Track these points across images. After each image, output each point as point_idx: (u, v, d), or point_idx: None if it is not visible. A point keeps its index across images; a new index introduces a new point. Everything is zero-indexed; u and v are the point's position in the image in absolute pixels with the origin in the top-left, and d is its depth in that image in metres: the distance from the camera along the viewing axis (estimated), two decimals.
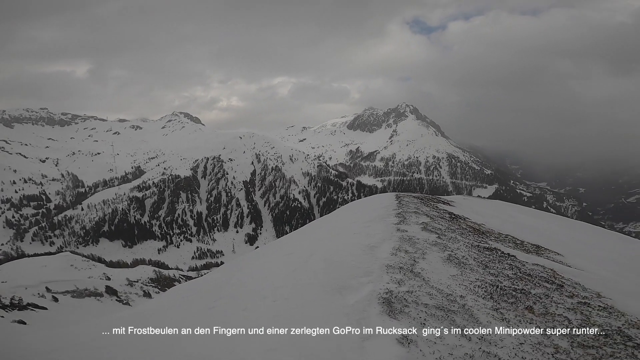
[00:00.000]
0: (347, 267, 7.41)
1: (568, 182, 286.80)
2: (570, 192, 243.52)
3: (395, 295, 5.99)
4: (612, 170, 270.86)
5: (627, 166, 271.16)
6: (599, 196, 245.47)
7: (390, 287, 6.27)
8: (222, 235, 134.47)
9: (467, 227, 11.20)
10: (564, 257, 9.53)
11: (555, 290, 6.77)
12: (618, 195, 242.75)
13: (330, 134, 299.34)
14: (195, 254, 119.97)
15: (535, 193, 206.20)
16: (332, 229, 12.13)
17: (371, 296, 6.05)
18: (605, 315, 5.91)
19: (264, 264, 9.85)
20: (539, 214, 30.98)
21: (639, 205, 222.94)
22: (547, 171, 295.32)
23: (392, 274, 6.80)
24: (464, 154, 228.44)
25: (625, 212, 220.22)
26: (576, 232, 19.64)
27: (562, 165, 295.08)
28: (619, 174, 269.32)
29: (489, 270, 7.40)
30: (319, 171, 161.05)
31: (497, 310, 5.71)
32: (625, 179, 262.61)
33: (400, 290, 6.16)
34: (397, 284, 6.42)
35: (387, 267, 7.12)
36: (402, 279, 6.60)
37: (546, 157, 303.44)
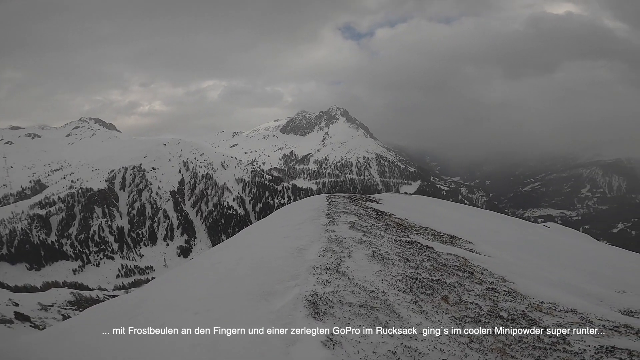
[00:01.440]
0: (274, 272, 7.02)
1: (477, 175, 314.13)
2: (479, 185, 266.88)
3: (320, 297, 5.75)
4: (510, 164, 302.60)
5: (521, 159, 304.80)
6: (501, 187, 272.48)
7: (316, 289, 6.02)
8: (151, 249, 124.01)
9: (392, 222, 11.41)
10: (474, 245, 10.07)
11: (467, 278, 7.01)
12: (516, 185, 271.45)
13: (264, 139, 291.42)
14: (120, 271, 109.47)
15: (452, 187, 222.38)
16: (262, 235, 11.69)
17: (297, 300, 5.75)
18: (510, 299, 6.20)
19: (189, 276, 9.10)
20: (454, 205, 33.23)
21: (533, 193, 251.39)
22: (460, 166, 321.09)
23: (319, 276, 6.56)
24: (391, 154, 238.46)
25: (522, 199, 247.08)
26: (485, 220, 21.26)
27: (471, 161, 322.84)
28: (515, 166, 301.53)
29: (409, 263, 7.48)
30: (253, 177, 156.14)
31: (416, 303, 5.71)
32: (521, 171, 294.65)
33: (326, 291, 5.94)
34: (323, 285, 6.19)
35: (314, 268, 6.87)
36: (328, 280, 6.38)
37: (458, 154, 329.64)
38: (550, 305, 6.08)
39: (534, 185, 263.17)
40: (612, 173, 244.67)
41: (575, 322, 5.46)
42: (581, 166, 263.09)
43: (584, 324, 5.42)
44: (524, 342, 4.72)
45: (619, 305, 6.60)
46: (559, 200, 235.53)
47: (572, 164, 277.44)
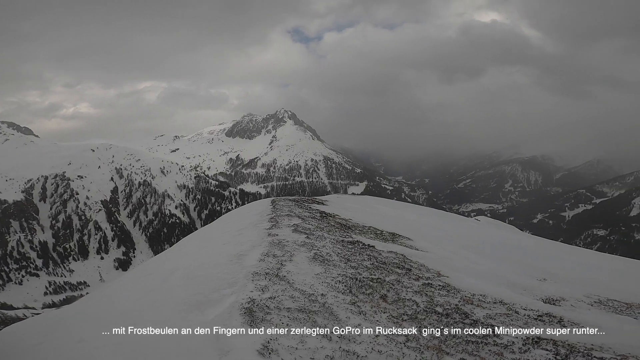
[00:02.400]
0: (210, 280, 6.50)
1: (417, 174, 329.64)
2: (419, 183, 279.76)
3: (257, 304, 5.38)
4: (445, 162, 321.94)
5: (455, 158, 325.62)
6: (439, 184, 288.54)
7: (253, 296, 5.64)
8: (82, 264, 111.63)
9: (336, 223, 11.28)
10: (413, 242, 10.21)
11: (405, 274, 6.99)
12: (452, 183, 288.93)
13: (208, 143, 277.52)
14: (48, 289, 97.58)
15: (395, 186, 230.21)
16: (202, 242, 11.00)
17: (232, 308, 5.34)
18: (445, 293, 6.25)
19: (117, 290, 8.23)
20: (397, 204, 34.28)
21: (466, 190, 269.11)
22: (402, 166, 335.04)
23: (257, 282, 6.17)
24: (338, 156, 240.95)
25: (457, 195, 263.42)
26: (424, 217, 22.05)
27: (412, 160, 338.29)
28: (450, 165, 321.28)
29: (350, 263, 7.32)
30: (198, 182, 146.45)
31: (355, 304, 5.53)
32: (455, 169, 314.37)
33: (264, 298, 5.58)
34: (261, 291, 5.81)
35: (253, 274, 6.46)
36: (266, 285, 6.02)
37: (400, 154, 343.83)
38: (480, 298, 6.21)
39: (466, 182, 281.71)
40: (530, 169, 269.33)
41: (503, 314, 5.59)
42: (504, 163, 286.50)
43: (511, 315, 5.57)
44: (458, 337, 4.69)
45: (540, 294, 6.93)
46: (487, 195, 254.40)
47: (496, 161, 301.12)
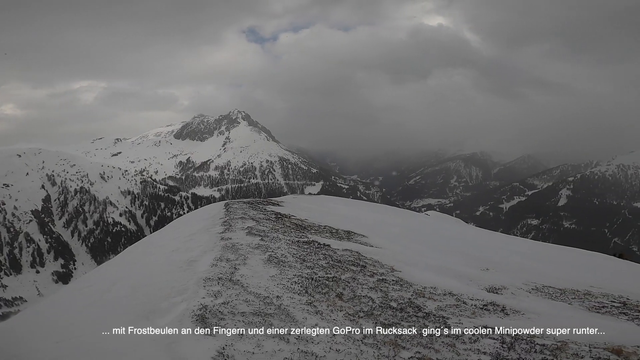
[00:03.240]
0: (158, 289, 6.08)
1: (371, 172, 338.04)
2: (373, 181, 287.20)
3: (210, 310, 5.10)
4: (397, 161, 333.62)
5: (405, 157, 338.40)
6: (392, 182, 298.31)
7: (205, 302, 5.34)
8: (16, 279, 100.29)
9: (291, 224, 11.12)
10: (368, 238, 10.33)
11: (360, 272, 7.01)
12: (403, 180, 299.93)
13: (154, 145, 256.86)
14: None
15: (351, 185, 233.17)
16: (149, 250, 10.35)
17: (184, 316, 5.01)
18: (398, 288, 6.35)
19: (55, 303, 7.48)
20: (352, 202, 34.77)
21: (416, 186, 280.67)
22: (357, 165, 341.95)
23: (210, 287, 5.86)
24: (293, 156, 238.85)
25: (409, 192, 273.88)
26: (378, 214, 22.54)
27: (366, 159, 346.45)
28: (401, 163, 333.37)
29: (306, 264, 7.21)
30: (144, 188, 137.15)
31: (311, 304, 5.43)
32: (405, 167, 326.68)
33: (216, 303, 5.31)
34: (213, 297, 5.53)
35: (204, 280, 6.13)
36: (219, 291, 5.73)
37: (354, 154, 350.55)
38: (431, 290, 6.38)
39: (416, 179, 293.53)
40: (471, 165, 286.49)
41: (452, 305, 5.77)
42: (449, 160, 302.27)
43: (460, 306, 5.75)
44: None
45: (484, 284, 7.26)
46: (435, 190, 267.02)
47: (442, 158, 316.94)
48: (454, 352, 4.25)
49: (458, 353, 4.21)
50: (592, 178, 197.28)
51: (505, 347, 4.35)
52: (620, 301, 6.72)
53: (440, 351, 4.25)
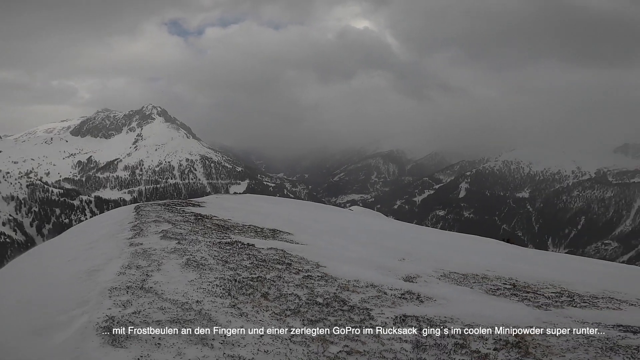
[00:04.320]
0: (52, 303, 5.30)
1: (297, 170, 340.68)
2: (300, 179, 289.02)
3: (118, 321, 4.58)
4: (322, 158, 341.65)
5: (330, 154, 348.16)
6: (318, 179, 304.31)
7: (112, 313, 4.79)
8: None
9: (213, 225, 10.59)
10: (294, 236, 10.31)
11: (286, 269, 6.93)
12: (328, 177, 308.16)
13: (45, 143, 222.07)
14: None
15: (277, 183, 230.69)
16: (38, 261, 9.02)
17: (86, 329, 4.42)
18: (324, 283, 6.41)
19: None
20: (278, 200, 34.58)
21: (340, 183, 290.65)
22: (283, 163, 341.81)
23: (117, 297, 5.27)
24: (217, 155, 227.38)
25: (334, 188, 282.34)
26: (305, 210, 22.73)
27: (292, 157, 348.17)
28: (326, 160, 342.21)
29: (228, 265, 6.90)
30: (32, 192, 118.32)
31: (235, 307, 5.20)
32: (330, 164, 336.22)
33: (126, 313, 4.79)
34: (122, 307, 4.98)
35: (110, 290, 5.50)
36: (129, 300, 5.18)
37: (281, 151, 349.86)
38: (355, 283, 6.57)
39: (340, 175, 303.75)
40: (389, 161, 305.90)
41: (374, 296, 6.01)
42: (369, 157, 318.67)
43: (381, 296, 6.02)
44: (340, 325, 4.79)
45: (401, 273, 7.72)
46: (358, 186, 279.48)
47: (363, 155, 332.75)
48: (379, 342, 4.39)
49: (383, 343, 4.36)
50: (484, 172, 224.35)
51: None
52: (511, 283, 7.67)
53: (367, 342, 4.37)
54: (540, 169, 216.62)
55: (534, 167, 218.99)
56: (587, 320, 5.30)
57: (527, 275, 8.57)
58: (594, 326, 4.99)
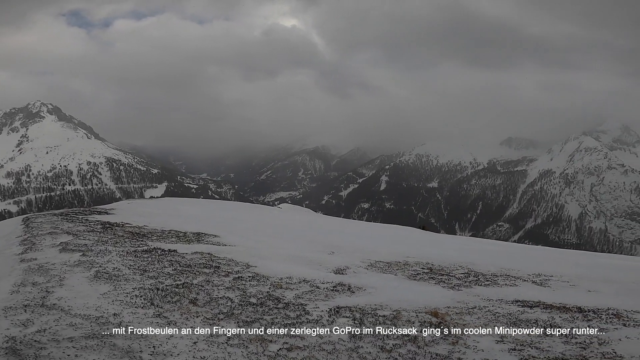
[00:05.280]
0: None
1: (222, 170, 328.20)
2: (225, 179, 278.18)
3: (22, 341, 4.00)
4: (248, 156, 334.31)
5: (256, 152, 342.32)
6: (244, 178, 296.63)
7: (12, 333, 4.18)
8: None
9: (126, 233, 9.71)
10: (220, 238, 9.94)
11: (214, 273, 6.68)
12: (255, 175, 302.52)
13: None
14: None
15: (200, 184, 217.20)
16: None
17: None
18: (256, 283, 6.29)
19: None
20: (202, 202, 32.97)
21: (268, 181, 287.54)
22: (206, 163, 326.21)
23: (14, 317, 4.60)
24: (127, 156, 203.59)
25: (261, 187, 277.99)
26: (231, 211, 22.03)
27: (215, 156, 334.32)
28: (252, 158, 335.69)
29: (148, 274, 6.42)
30: None
31: (160, 316, 4.85)
32: (256, 162, 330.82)
33: (29, 332, 4.21)
34: (22, 326, 4.36)
35: (4, 310, 4.76)
36: (29, 319, 4.55)
37: (203, 151, 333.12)
38: (288, 280, 6.58)
39: (267, 173, 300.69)
40: (315, 158, 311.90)
41: (308, 291, 6.08)
42: (296, 154, 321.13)
43: (315, 290, 6.12)
44: (277, 323, 4.78)
45: (332, 266, 7.95)
46: (286, 184, 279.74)
47: (290, 152, 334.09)
48: (317, 336, 4.47)
49: (321, 336, 4.45)
50: (401, 166, 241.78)
51: (357, 323, 4.84)
52: (428, 267, 8.39)
53: (306, 337, 4.41)
54: (446, 161, 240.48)
55: (441, 159, 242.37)
56: (492, 297, 6.04)
57: (441, 259, 9.47)
58: (498, 302, 5.71)
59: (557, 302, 5.68)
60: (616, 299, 5.92)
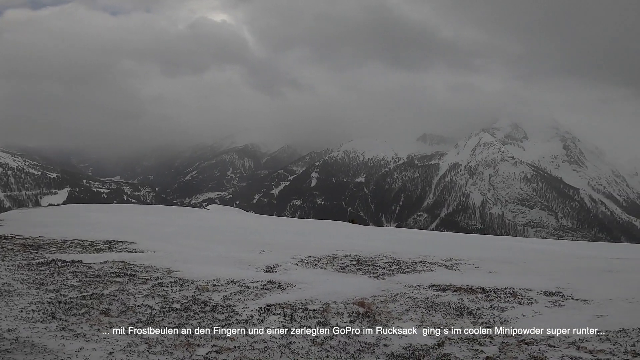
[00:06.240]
0: None
1: (138, 171, 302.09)
2: (142, 181, 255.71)
3: None
4: (169, 156, 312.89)
5: (178, 151, 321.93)
6: (165, 179, 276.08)
7: None
8: None
9: (16, 246, 8.51)
10: (137, 244, 9.21)
11: (129, 281, 6.20)
12: (178, 176, 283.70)
13: None
14: None
15: (113, 188, 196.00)
16: None
17: None
18: (179, 288, 5.93)
19: None
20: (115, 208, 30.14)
21: (193, 182, 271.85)
22: (118, 164, 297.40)
23: None
24: (16, 159, 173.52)
25: (186, 188, 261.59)
26: (151, 215, 20.45)
27: (130, 157, 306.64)
28: (174, 158, 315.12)
29: (46, 287, 5.76)
30: None
31: (65, 329, 4.37)
32: (180, 162, 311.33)
33: None
34: None
35: None
36: None
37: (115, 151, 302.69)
38: (214, 283, 6.32)
39: (192, 174, 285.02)
40: (244, 156, 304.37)
41: (237, 292, 5.91)
42: (224, 153, 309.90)
43: (244, 291, 5.97)
44: (204, 327, 4.58)
45: (262, 265, 7.84)
46: (213, 184, 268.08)
47: (217, 151, 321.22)
48: (248, 335, 4.38)
49: (252, 335, 4.37)
50: (330, 162, 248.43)
51: (288, 319, 4.84)
52: (356, 259, 8.74)
53: (236, 338, 4.28)
54: (371, 156, 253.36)
55: (367, 155, 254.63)
56: (412, 283, 6.51)
57: (367, 250, 9.93)
58: (417, 288, 6.15)
59: (465, 285, 6.33)
60: (511, 279, 6.79)
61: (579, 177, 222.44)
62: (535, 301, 5.42)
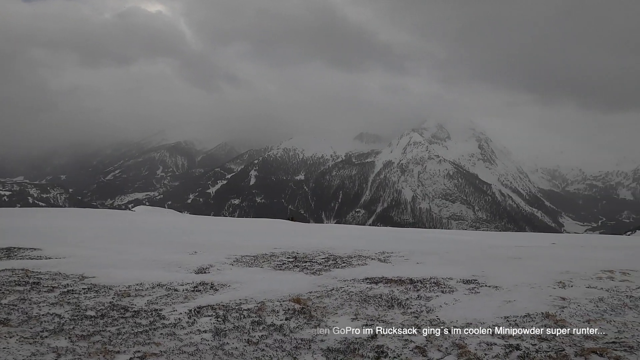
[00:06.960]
0: None
1: (47, 171, 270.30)
2: (53, 182, 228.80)
3: None
4: (86, 154, 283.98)
5: (97, 149, 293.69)
6: (81, 179, 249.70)
7: None
8: None
9: None
10: (42, 251, 8.30)
11: (32, 290, 5.56)
12: (97, 176, 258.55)
13: None
14: None
15: (15, 190, 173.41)
16: None
17: None
18: (94, 295, 5.39)
19: None
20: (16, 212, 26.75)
21: (117, 181, 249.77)
22: (22, 163, 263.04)
23: None
24: None
25: (108, 189, 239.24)
26: (62, 219, 18.48)
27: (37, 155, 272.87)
28: (92, 156, 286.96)
29: None
30: None
31: None
32: (99, 160, 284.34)
33: None
34: None
35: None
36: None
37: (17, 149, 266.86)
38: (137, 287, 5.87)
39: (115, 173, 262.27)
40: (177, 154, 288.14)
41: (164, 295, 5.54)
42: (153, 150, 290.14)
43: (172, 294, 5.62)
44: (124, 333, 4.24)
45: (193, 266, 7.47)
46: (141, 184, 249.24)
47: (145, 148, 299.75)
48: (176, 339, 4.14)
49: (180, 339, 4.13)
50: (269, 160, 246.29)
51: (220, 320, 4.65)
52: (293, 256, 8.73)
53: (162, 343, 4.01)
54: (310, 154, 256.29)
55: (306, 152, 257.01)
56: (347, 278, 6.68)
57: (305, 247, 10.00)
58: (352, 282, 6.33)
59: (395, 276, 6.67)
60: (435, 269, 7.30)
61: (491, 174, 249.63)
62: (456, 289, 5.89)
